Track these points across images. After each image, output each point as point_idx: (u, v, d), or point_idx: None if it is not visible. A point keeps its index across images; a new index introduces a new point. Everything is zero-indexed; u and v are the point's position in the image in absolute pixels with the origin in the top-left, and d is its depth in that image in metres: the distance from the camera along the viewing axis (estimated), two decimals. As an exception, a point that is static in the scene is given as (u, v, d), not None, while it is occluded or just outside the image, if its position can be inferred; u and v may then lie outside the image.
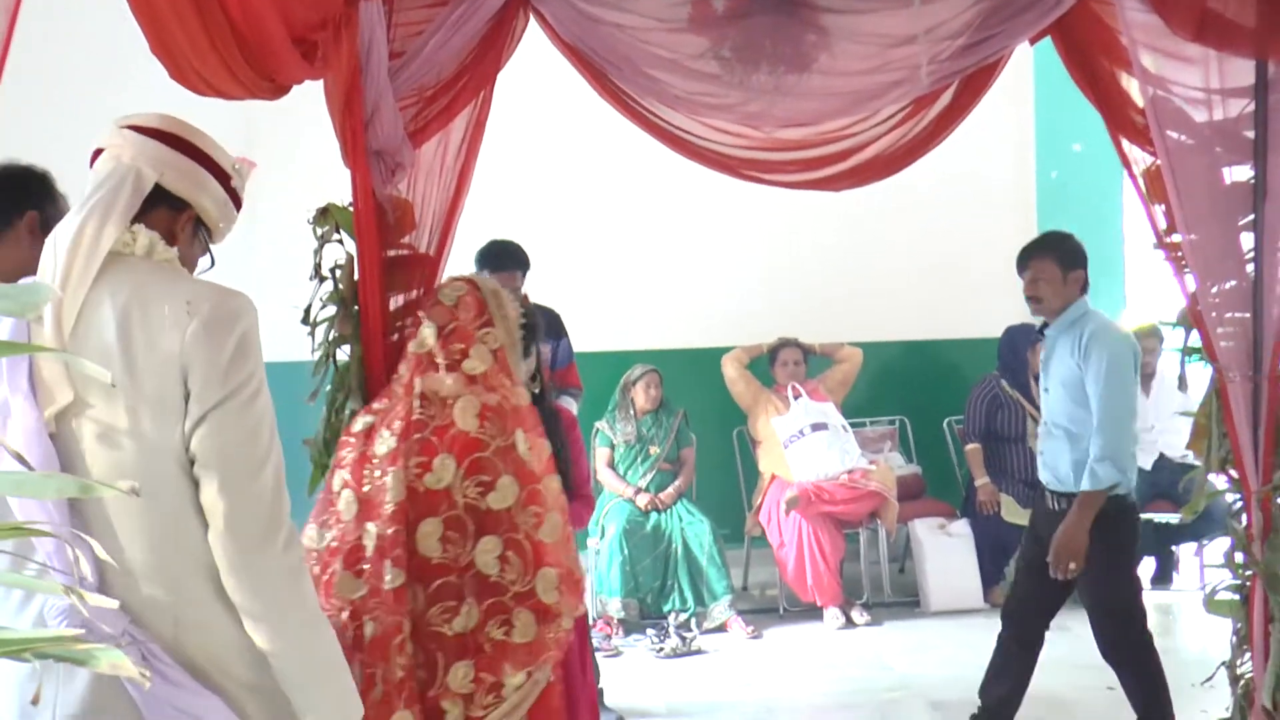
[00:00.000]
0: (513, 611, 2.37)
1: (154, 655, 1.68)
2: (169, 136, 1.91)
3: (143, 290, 1.75)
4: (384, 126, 2.80)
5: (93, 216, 1.79)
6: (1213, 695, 3.46)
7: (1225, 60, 2.95)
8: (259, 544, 1.73)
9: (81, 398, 1.71)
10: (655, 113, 3.15)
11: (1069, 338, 3.80)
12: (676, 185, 6.56)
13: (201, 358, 1.71)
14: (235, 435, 1.73)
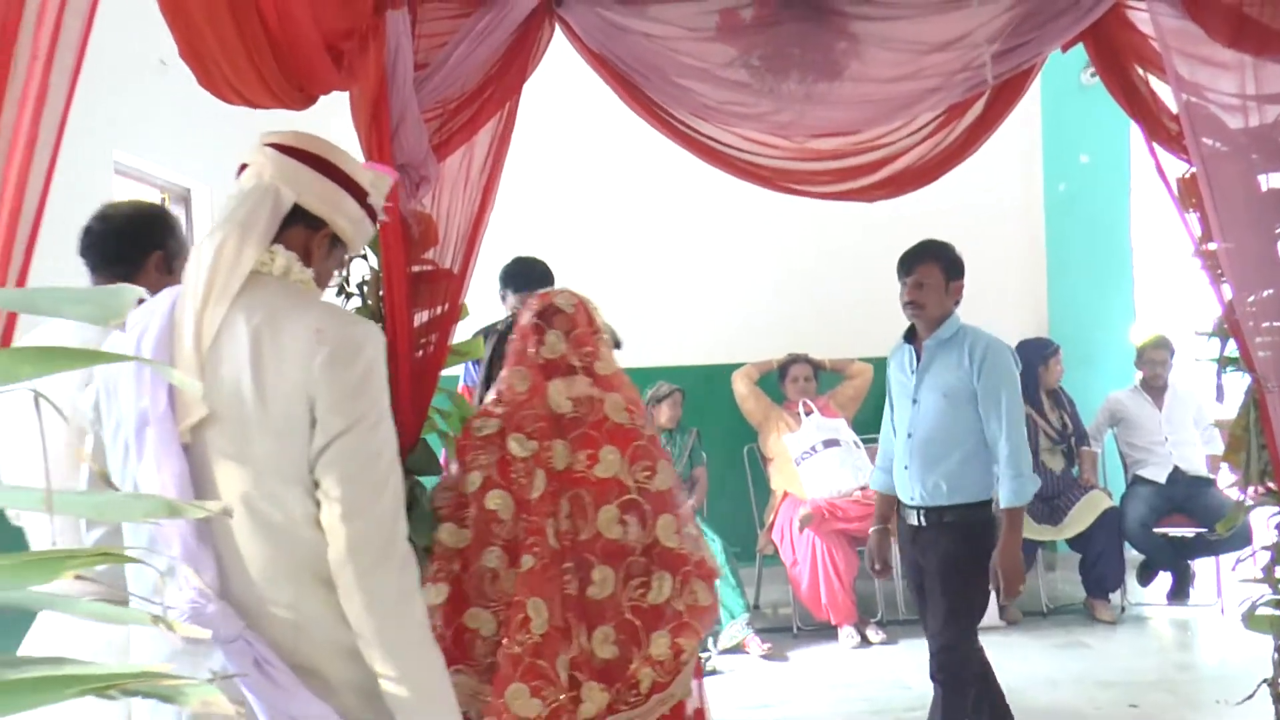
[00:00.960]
0: (692, 580, 2.60)
1: (267, 660, 1.75)
2: (309, 156, 1.95)
3: (276, 313, 1.81)
4: (409, 139, 2.77)
5: (233, 235, 1.85)
6: (1237, 713, 3.41)
7: (1261, 66, 2.92)
8: (375, 566, 1.79)
9: (215, 413, 1.77)
10: (685, 123, 3.12)
11: (952, 349, 3.77)
12: (691, 201, 6.56)
13: (328, 386, 1.77)
14: (357, 461, 1.79)
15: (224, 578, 1.77)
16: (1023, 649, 5.66)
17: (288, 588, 1.80)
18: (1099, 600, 6.13)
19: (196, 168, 5.64)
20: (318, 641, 1.82)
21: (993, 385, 3.70)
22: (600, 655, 2.52)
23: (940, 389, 3.73)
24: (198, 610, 1.73)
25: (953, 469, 3.70)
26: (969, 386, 3.70)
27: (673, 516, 2.61)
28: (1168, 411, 6.37)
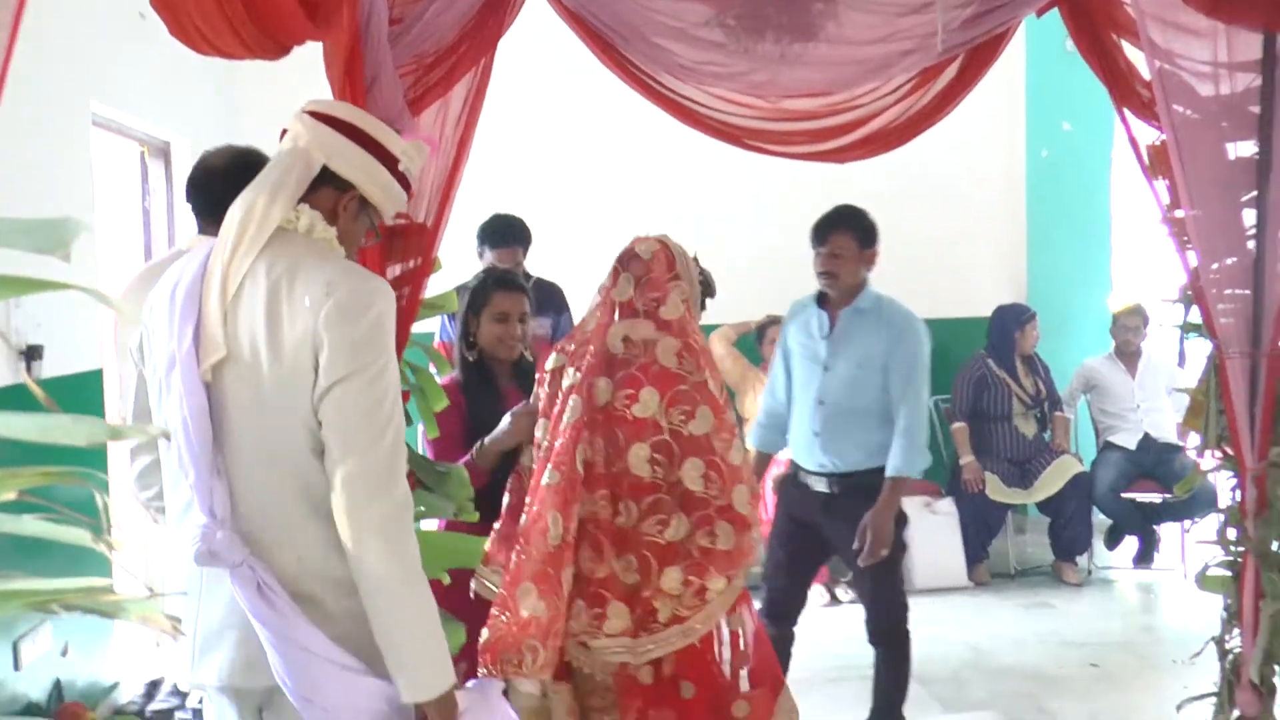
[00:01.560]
0: (715, 522, 2.68)
1: (269, 586, 1.89)
2: (342, 124, 2.09)
3: (294, 267, 1.95)
4: (383, 94, 2.76)
5: (264, 194, 2.00)
6: (1194, 673, 3.48)
7: (1234, 34, 2.93)
8: (369, 504, 1.90)
9: (233, 355, 1.92)
10: (661, 82, 3.12)
11: (871, 317, 3.80)
12: (669, 161, 6.55)
13: (332, 335, 1.89)
14: (357, 408, 1.90)
15: (235, 507, 1.92)
16: (990, 609, 5.76)
17: (291, 521, 1.94)
18: (1066, 563, 6.22)
19: (177, 120, 5.61)
20: (317, 573, 1.94)
21: (907, 358, 3.78)
22: (624, 580, 2.66)
23: (856, 358, 3.77)
24: (207, 535, 1.88)
25: (868, 436, 3.78)
26: (884, 357, 3.76)
27: (701, 460, 2.68)
28: (1141, 379, 6.44)
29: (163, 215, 5.63)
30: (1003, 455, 6.29)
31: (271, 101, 6.47)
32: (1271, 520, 3.02)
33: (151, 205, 5.57)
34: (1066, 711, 4.41)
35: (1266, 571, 3.02)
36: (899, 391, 3.77)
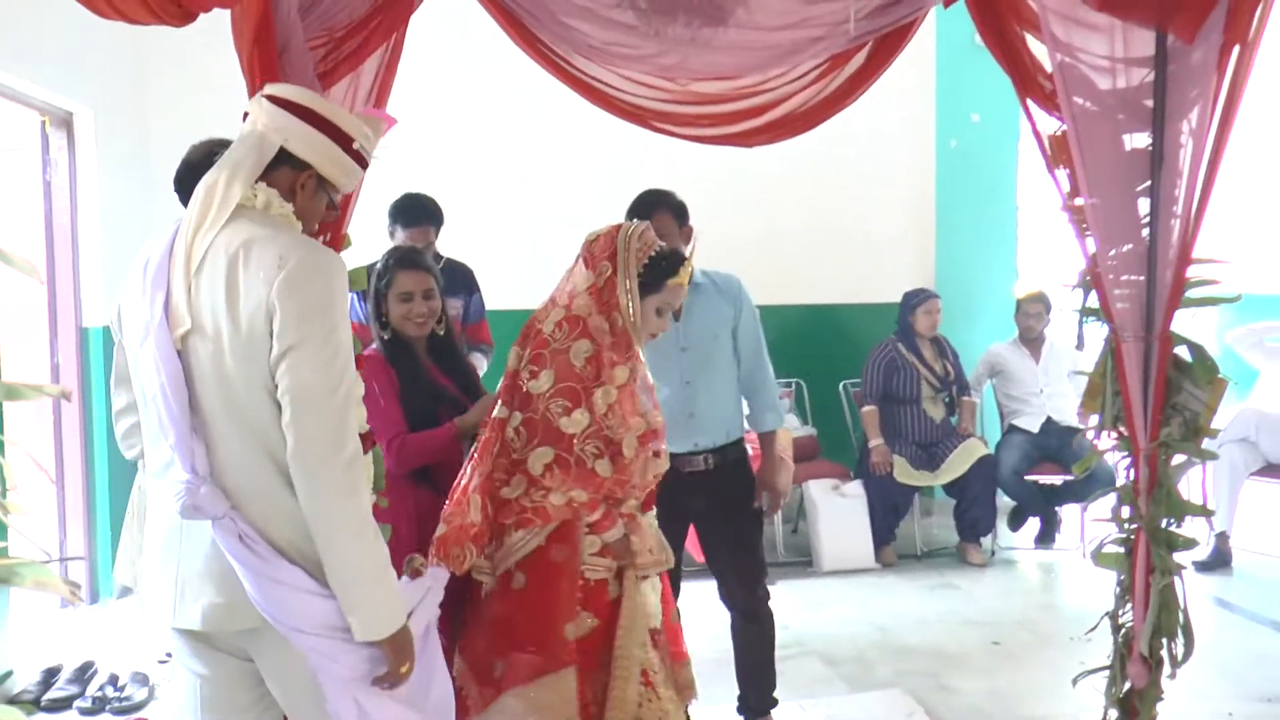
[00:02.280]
0: (513, 474, 2.90)
1: (249, 536, 2.07)
2: (297, 106, 2.23)
3: (251, 241, 2.09)
4: (293, 66, 2.73)
5: (224, 173, 2.16)
6: (1090, 649, 3.60)
7: (1129, 30, 3.02)
8: (322, 463, 2.04)
9: (198, 326, 2.08)
10: (571, 62, 3.12)
11: (707, 290, 3.85)
12: (581, 143, 6.54)
13: (284, 305, 2.03)
14: (308, 372, 2.04)
15: (213, 465, 2.09)
16: (895, 590, 5.87)
17: (261, 478, 2.10)
18: (970, 544, 6.37)
19: (81, 90, 5.47)
20: (285, 526, 2.10)
21: (751, 321, 3.90)
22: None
23: (710, 333, 3.80)
24: (191, 491, 2.06)
25: (732, 408, 3.85)
26: (729, 326, 3.85)
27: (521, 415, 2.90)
28: (1044, 364, 6.61)
29: (65, 187, 5.48)
30: (910, 438, 6.41)
31: (180, 71, 6.39)
32: (1161, 498, 3.13)
33: (54, 177, 5.42)
34: (969, 688, 4.51)
35: (1156, 548, 3.13)
36: (753, 350, 3.91)
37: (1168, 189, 3.05)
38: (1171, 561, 3.12)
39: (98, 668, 4.54)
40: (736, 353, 3.90)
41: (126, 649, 4.85)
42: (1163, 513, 3.12)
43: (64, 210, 5.49)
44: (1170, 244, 3.05)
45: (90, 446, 5.59)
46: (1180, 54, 3.00)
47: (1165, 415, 3.12)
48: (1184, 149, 3.01)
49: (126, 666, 4.58)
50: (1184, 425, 3.10)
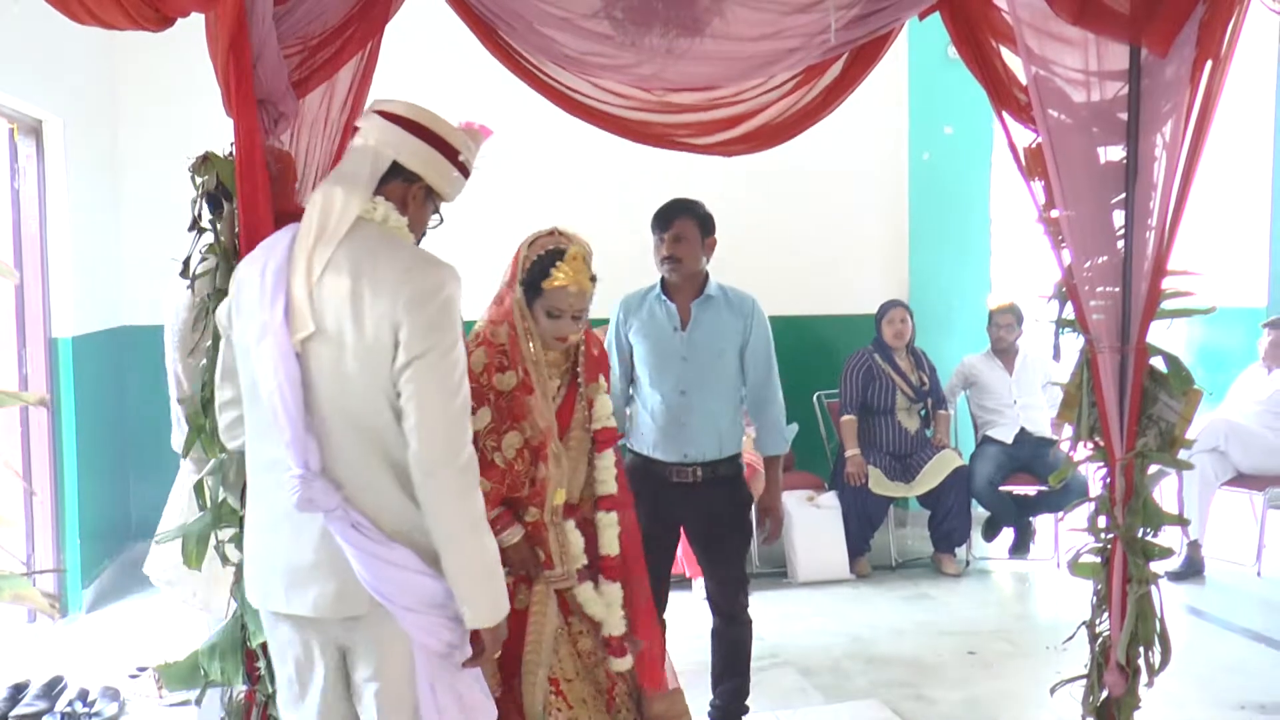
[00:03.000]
0: None
1: (361, 524, 2.22)
2: (408, 122, 2.37)
3: (374, 253, 2.25)
4: (267, 73, 2.69)
5: (340, 187, 2.30)
6: (1066, 658, 3.61)
7: (1103, 44, 3.04)
8: (443, 466, 2.21)
9: (320, 331, 2.22)
10: (545, 71, 3.11)
11: (720, 305, 3.88)
12: (557, 151, 6.52)
13: (410, 317, 2.19)
14: (432, 380, 2.20)
15: (325, 461, 2.22)
16: (871, 601, 5.87)
17: (371, 474, 2.24)
18: (945, 555, 6.38)
19: (50, 99, 5.41)
20: (392, 518, 2.25)
21: (762, 341, 3.90)
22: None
23: (715, 348, 3.82)
24: (306, 484, 2.20)
25: (727, 424, 3.86)
26: (737, 343, 3.86)
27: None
28: (1017, 376, 6.65)
29: (34, 196, 5.42)
30: (885, 449, 6.42)
31: (151, 80, 6.33)
32: (1137, 508, 3.15)
33: (22, 186, 5.36)
34: (945, 698, 4.52)
35: (1133, 557, 3.15)
36: (762, 372, 3.91)
37: (1142, 201, 3.08)
38: (1148, 571, 3.14)
39: (67, 683, 4.48)
40: (743, 372, 3.89)
41: (96, 663, 4.79)
42: (1139, 522, 3.14)
43: (32, 219, 5.42)
44: (1145, 256, 3.07)
45: (59, 458, 5.53)
46: (1154, 68, 3.03)
47: (1141, 426, 3.14)
48: (1158, 162, 3.04)
49: (96, 681, 4.52)
50: (1160, 436, 3.12)
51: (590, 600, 3.15)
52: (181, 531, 2.76)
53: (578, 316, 3.10)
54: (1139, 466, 3.14)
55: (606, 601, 3.16)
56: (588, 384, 3.22)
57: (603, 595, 3.17)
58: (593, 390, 3.22)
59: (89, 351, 5.79)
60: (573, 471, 3.18)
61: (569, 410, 3.20)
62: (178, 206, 3.21)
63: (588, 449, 3.23)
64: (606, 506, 3.21)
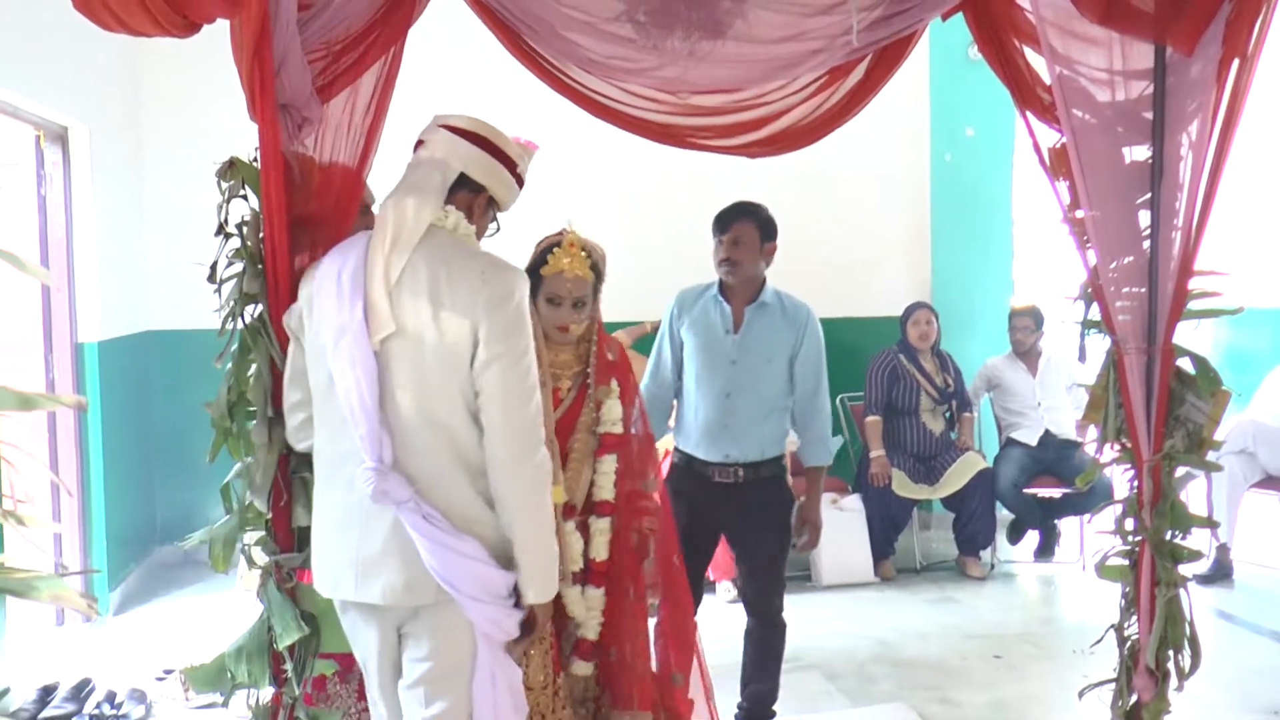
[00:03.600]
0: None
1: (431, 516, 2.34)
2: (474, 136, 2.54)
3: (449, 259, 2.41)
4: (291, 79, 2.71)
5: (413, 196, 2.45)
6: (1093, 662, 3.59)
7: (1127, 43, 3.02)
8: (520, 456, 2.37)
9: (400, 330, 2.36)
10: (569, 75, 3.11)
11: (774, 312, 3.90)
12: (578, 155, 6.52)
13: (489, 319, 2.35)
14: (512, 377, 2.36)
15: (399, 455, 2.35)
16: (896, 604, 5.85)
17: (442, 468, 2.37)
18: (970, 558, 6.35)
19: (76, 105, 5.46)
20: (462, 509, 2.38)
21: (814, 351, 3.93)
22: None
23: (764, 354, 3.84)
24: (380, 477, 2.32)
25: (771, 428, 3.88)
26: (788, 353, 3.88)
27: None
28: (1041, 377, 6.61)
29: (60, 202, 5.47)
30: (909, 451, 6.40)
31: (174, 86, 6.38)
32: (1165, 510, 3.12)
33: (48, 192, 5.41)
34: (971, 701, 4.50)
35: (1161, 560, 3.12)
36: (811, 384, 3.92)
37: (1168, 201, 3.05)
38: (1176, 574, 3.11)
39: (94, 685, 4.51)
40: (792, 380, 3.91)
41: (123, 666, 4.82)
42: (1167, 525, 3.11)
43: (59, 224, 5.47)
44: (1171, 256, 3.04)
45: (86, 462, 5.57)
46: (1179, 67, 3.00)
47: (1169, 427, 3.11)
48: (1184, 161, 3.01)
49: (124, 684, 4.54)
50: (1187, 437, 3.10)
51: (574, 601, 3.17)
52: (208, 534, 2.77)
53: (578, 305, 3.13)
54: (1166, 468, 3.11)
55: (588, 605, 3.18)
56: (597, 386, 3.23)
57: (585, 598, 3.19)
58: (602, 393, 3.23)
59: (115, 356, 5.83)
60: (576, 474, 3.19)
61: (576, 412, 3.22)
62: (201, 211, 3.24)
63: (592, 451, 3.24)
64: (601, 511, 3.22)
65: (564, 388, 3.22)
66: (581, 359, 3.25)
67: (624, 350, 3.39)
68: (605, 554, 3.21)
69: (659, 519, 3.32)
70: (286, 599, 2.67)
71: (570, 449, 3.20)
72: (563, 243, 3.15)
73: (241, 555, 2.73)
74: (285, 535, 2.71)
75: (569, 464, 3.19)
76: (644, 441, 3.35)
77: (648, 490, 3.31)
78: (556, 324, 3.14)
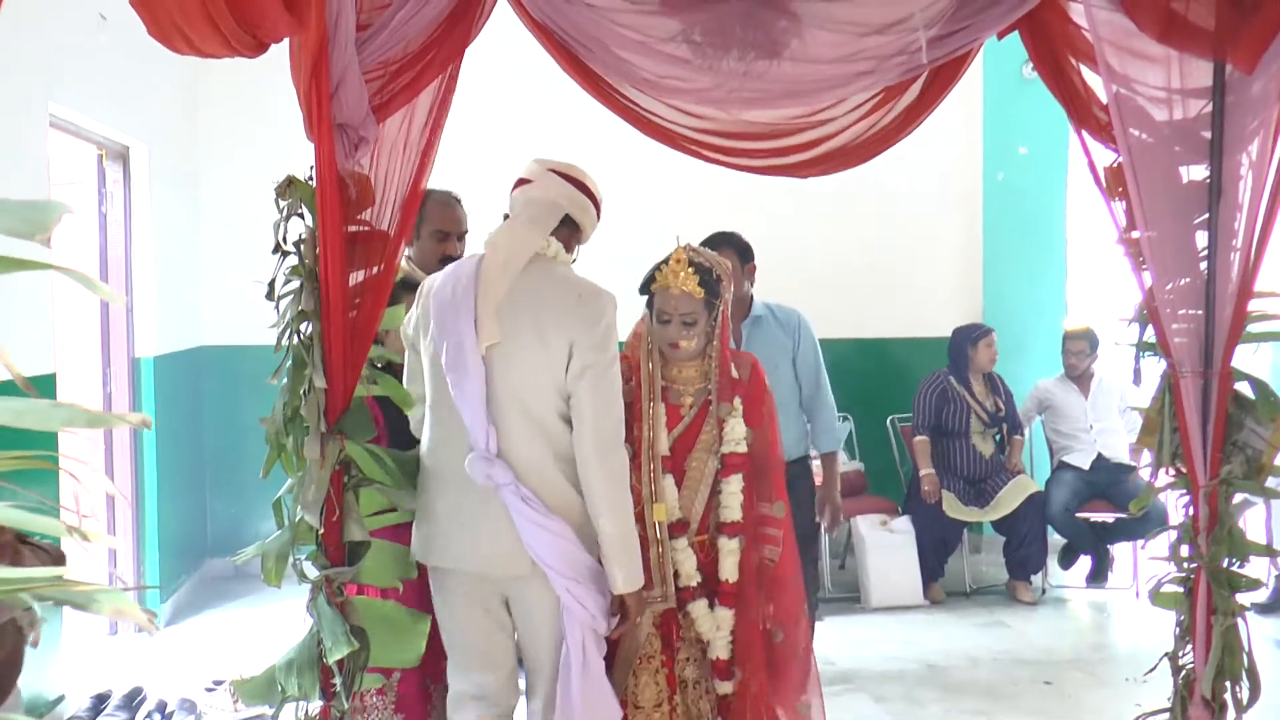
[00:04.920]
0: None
1: (529, 499, 2.72)
2: (577, 182, 2.96)
3: (552, 282, 2.82)
4: (349, 98, 2.74)
5: (524, 227, 2.87)
6: (1146, 690, 3.53)
7: (1185, 61, 2.99)
8: (608, 452, 2.75)
9: (505, 340, 2.76)
10: (624, 94, 3.12)
11: (768, 322, 4.34)
12: (630, 172, 6.54)
13: (583, 335, 2.76)
14: (600, 388, 2.76)
15: (502, 445, 2.74)
16: (945, 627, 5.79)
17: (538, 457, 2.76)
18: (1020, 582, 6.28)
19: (136, 125, 5.56)
20: (553, 495, 2.75)
21: (810, 351, 4.40)
22: None
23: (769, 363, 3.87)
24: (487, 462, 2.71)
25: (788, 431, 4.02)
26: (789, 354, 4.33)
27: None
28: (1093, 400, 6.52)
29: (120, 220, 5.57)
30: (959, 473, 6.34)
31: (234, 105, 6.49)
32: (1221, 537, 3.07)
33: (109, 210, 5.51)
34: (1020, 729, 4.45)
35: (1218, 588, 3.07)
36: (813, 379, 4.39)
37: (1226, 222, 3.01)
38: (1234, 602, 3.06)
39: (146, 694, 4.56)
40: (797, 380, 4.33)
41: (174, 676, 4.88)
42: (1224, 552, 3.06)
43: (118, 242, 5.57)
44: (1230, 278, 3.00)
45: (141, 476, 5.65)
46: (1239, 85, 2.97)
47: (1226, 452, 3.06)
48: (1243, 181, 2.98)
49: (174, 694, 4.60)
50: (1246, 463, 3.04)
51: (703, 616, 3.14)
52: (260, 549, 2.80)
53: (688, 322, 3.13)
54: (1223, 494, 3.06)
55: (717, 624, 3.14)
56: (719, 404, 3.18)
57: (715, 617, 3.15)
58: (724, 411, 3.18)
59: (170, 371, 5.92)
60: (693, 492, 3.18)
61: (697, 430, 3.19)
62: (256, 229, 3.28)
63: (713, 472, 3.20)
64: (729, 533, 3.17)
65: (685, 404, 3.20)
66: (705, 376, 3.23)
67: (758, 367, 3.33)
68: (735, 575, 3.16)
69: (784, 547, 3.26)
70: (337, 613, 2.69)
71: (688, 467, 3.18)
72: (670, 259, 3.16)
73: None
74: (336, 550, 2.74)
75: (685, 482, 3.18)
76: (772, 465, 3.29)
77: (775, 515, 3.26)
78: (666, 341, 3.15)
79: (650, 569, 3.05)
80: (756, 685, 3.18)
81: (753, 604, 3.19)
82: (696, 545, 3.19)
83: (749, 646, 3.17)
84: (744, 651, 3.17)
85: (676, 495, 3.15)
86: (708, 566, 3.18)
